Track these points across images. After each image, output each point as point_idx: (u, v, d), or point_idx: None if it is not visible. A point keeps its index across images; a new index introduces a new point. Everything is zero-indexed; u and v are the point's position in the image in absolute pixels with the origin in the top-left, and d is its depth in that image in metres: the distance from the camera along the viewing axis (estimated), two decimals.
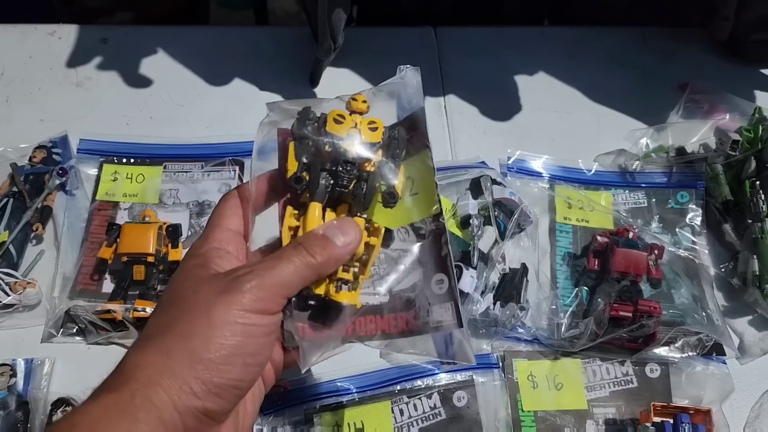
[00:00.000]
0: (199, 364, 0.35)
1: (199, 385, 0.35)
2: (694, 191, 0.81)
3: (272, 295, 0.38)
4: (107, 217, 0.76)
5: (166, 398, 0.34)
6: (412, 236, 0.45)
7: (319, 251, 0.41)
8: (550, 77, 0.93)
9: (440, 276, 0.43)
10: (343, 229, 0.42)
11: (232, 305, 0.37)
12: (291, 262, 0.40)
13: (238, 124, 0.85)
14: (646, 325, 0.67)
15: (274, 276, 0.39)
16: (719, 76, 0.91)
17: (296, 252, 0.40)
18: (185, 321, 0.37)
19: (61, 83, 0.89)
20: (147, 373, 0.35)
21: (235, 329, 0.36)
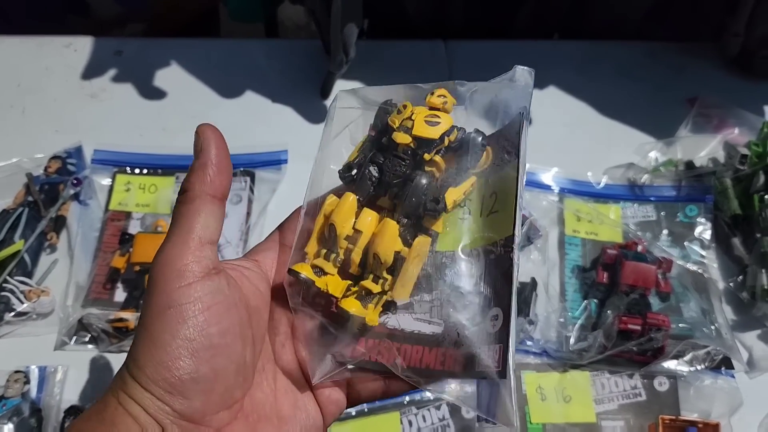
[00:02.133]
0: (146, 368, 0.32)
1: (156, 388, 0.32)
2: (703, 205, 0.81)
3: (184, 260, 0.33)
4: (120, 227, 0.77)
5: (136, 406, 0.32)
6: (482, 260, 0.38)
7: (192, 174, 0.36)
8: (560, 91, 0.93)
9: (496, 311, 0.36)
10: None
11: (152, 296, 0.33)
12: (181, 206, 0.36)
13: (249, 135, 0.86)
14: (655, 338, 0.68)
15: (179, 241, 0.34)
16: (728, 90, 0.92)
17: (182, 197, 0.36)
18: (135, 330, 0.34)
19: (76, 95, 0.90)
20: (117, 383, 0.33)
21: (163, 319, 0.32)
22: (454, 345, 0.36)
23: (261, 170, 0.82)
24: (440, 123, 0.39)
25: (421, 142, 0.38)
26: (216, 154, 0.36)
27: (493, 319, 0.36)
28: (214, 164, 0.36)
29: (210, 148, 0.36)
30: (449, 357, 0.36)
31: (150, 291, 0.33)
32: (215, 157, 0.36)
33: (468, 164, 0.39)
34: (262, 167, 0.82)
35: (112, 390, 0.33)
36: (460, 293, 0.38)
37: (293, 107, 0.90)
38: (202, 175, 0.36)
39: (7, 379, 0.66)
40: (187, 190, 0.36)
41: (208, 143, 0.36)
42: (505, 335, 0.34)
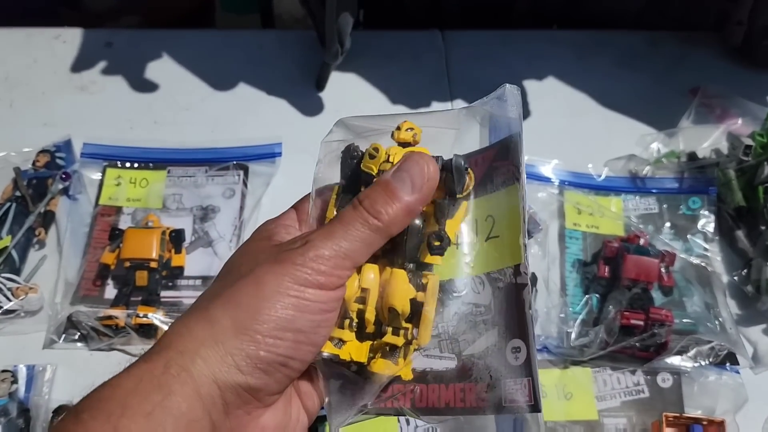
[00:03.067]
0: (244, 335, 0.31)
1: (243, 357, 0.31)
2: (706, 197, 0.79)
3: (330, 268, 0.33)
4: (110, 222, 0.75)
5: (206, 370, 0.31)
6: (488, 288, 0.37)
7: (383, 209, 0.34)
8: (559, 81, 0.92)
9: (517, 342, 0.35)
10: (408, 168, 0.35)
11: (284, 277, 0.32)
12: (351, 227, 0.34)
13: (243, 128, 0.84)
14: (658, 333, 0.66)
15: (331, 246, 0.33)
16: (731, 80, 0.90)
17: (356, 214, 0.34)
18: (234, 290, 0.33)
19: (66, 87, 0.88)
20: (185, 342, 0.32)
21: (286, 302, 0.32)
22: (473, 380, 0.35)
23: (255, 163, 0.80)
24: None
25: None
26: (420, 199, 0.36)
27: (515, 351, 0.35)
28: (412, 208, 0.35)
29: (419, 190, 0.35)
30: (470, 392, 0.35)
31: (281, 270, 0.33)
32: (416, 202, 0.35)
33: (456, 190, 0.38)
34: (256, 160, 0.80)
35: (174, 348, 0.32)
36: (471, 323, 0.37)
37: (288, 99, 0.88)
38: (402, 215, 0.35)
39: None
40: (377, 216, 0.34)
41: (421, 184, 0.35)
42: (529, 367, 0.34)
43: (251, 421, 0.33)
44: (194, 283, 0.72)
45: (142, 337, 0.67)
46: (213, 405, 0.31)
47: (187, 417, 0.30)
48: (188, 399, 0.30)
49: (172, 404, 0.30)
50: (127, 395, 0.30)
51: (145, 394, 0.30)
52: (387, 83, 0.89)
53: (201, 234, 0.76)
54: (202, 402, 0.31)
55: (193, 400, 0.30)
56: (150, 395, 0.30)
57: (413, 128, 0.38)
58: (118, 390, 0.30)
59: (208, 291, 0.35)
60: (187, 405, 0.30)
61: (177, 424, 0.30)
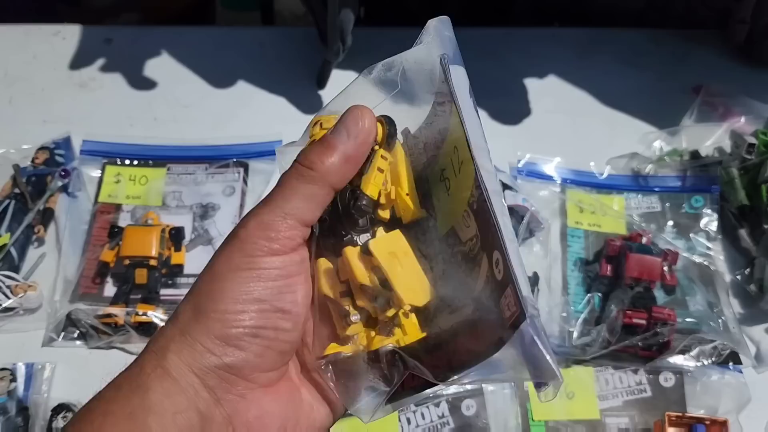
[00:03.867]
0: (204, 317, 0.32)
1: (210, 339, 0.31)
2: (708, 195, 0.79)
3: (276, 232, 0.32)
4: (109, 220, 0.75)
5: (178, 361, 0.31)
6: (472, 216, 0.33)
7: (316, 157, 0.33)
8: (560, 79, 0.91)
9: (497, 255, 0.31)
10: (346, 121, 0.34)
11: (233, 254, 0.32)
12: (288, 186, 0.33)
13: (243, 125, 0.84)
14: (661, 332, 0.66)
15: (271, 211, 0.33)
16: (734, 78, 0.90)
17: (291, 171, 0.34)
18: (194, 284, 0.34)
19: (65, 84, 0.88)
20: (157, 342, 0.32)
21: (240, 276, 0.32)
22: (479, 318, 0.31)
23: (255, 161, 0.80)
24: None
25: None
26: (356, 145, 0.34)
27: (497, 265, 0.31)
28: (349, 154, 0.34)
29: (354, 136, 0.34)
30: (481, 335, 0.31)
31: (230, 249, 0.33)
32: (353, 148, 0.34)
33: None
34: (256, 158, 0.80)
35: (148, 351, 0.32)
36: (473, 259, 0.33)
37: (288, 97, 0.87)
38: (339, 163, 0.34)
39: None
40: (311, 167, 0.33)
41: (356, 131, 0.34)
42: (510, 276, 0.30)
43: (250, 405, 0.33)
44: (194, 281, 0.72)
45: (141, 336, 0.67)
46: (196, 394, 0.31)
47: (170, 411, 0.30)
48: (168, 393, 0.31)
49: (151, 401, 0.30)
50: (109, 403, 0.31)
51: (125, 398, 0.30)
52: None
53: (201, 232, 0.75)
54: (184, 394, 0.31)
55: (174, 393, 0.31)
56: (130, 398, 0.30)
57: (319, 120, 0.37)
58: (101, 401, 0.31)
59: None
60: (168, 400, 0.30)
61: (162, 420, 0.30)
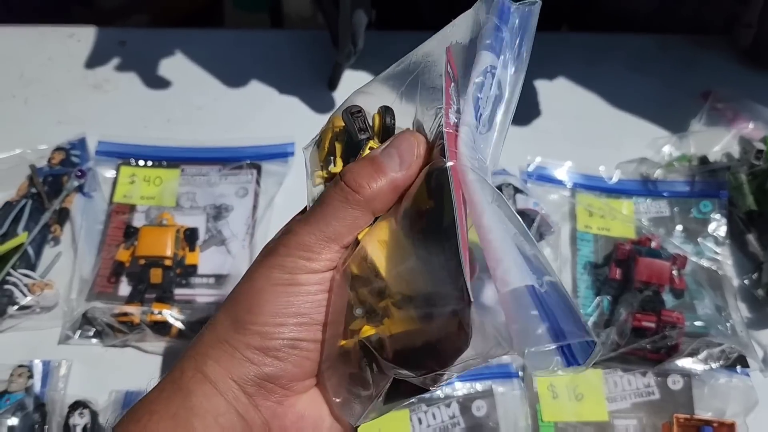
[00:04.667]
0: (244, 329, 0.32)
1: (250, 349, 0.32)
2: (717, 201, 0.79)
3: (316, 254, 0.33)
4: (124, 220, 0.76)
5: (218, 368, 0.32)
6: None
7: (365, 181, 0.33)
8: (570, 83, 0.92)
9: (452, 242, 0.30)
10: (397, 144, 0.34)
11: (272, 270, 0.33)
12: (331, 207, 0.33)
13: (256, 127, 0.84)
14: (669, 335, 0.66)
15: (311, 232, 0.33)
16: (742, 83, 0.90)
17: (336, 191, 0.33)
18: (232, 294, 0.34)
19: (80, 85, 0.89)
20: (196, 348, 0.33)
21: (278, 290, 0.33)
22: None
23: (267, 163, 0.81)
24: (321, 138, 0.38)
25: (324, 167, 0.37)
26: (407, 176, 0.33)
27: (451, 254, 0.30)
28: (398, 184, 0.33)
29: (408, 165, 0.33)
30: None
31: (269, 265, 0.33)
32: (403, 179, 0.33)
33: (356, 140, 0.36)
34: (269, 160, 0.81)
35: (188, 357, 0.33)
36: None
37: (300, 99, 0.88)
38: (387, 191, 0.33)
39: (10, 374, 0.65)
40: (357, 190, 0.33)
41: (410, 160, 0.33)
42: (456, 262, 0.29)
43: (287, 410, 0.33)
44: (207, 281, 0.73)
45: (156, 334, 0.67)
46: (235, 399, 0.32)
47: (212, 414, 0.31)
48: (208, 397, 0.31)
49: (194, 403, 0.31)
50: (152, 403, 0.32)
51: (168, 399, 0.32)
52: None
53: (214, 232, 0.76)
54: (223, 397, 0.32)
55: (213, 396, 0.32)
56: (172, 399, 0.31)
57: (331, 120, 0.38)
58: (145, 402, 0.32)
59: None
60: (208, 402, 0.31)
61: (204, 419, 0.31)
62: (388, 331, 0.33)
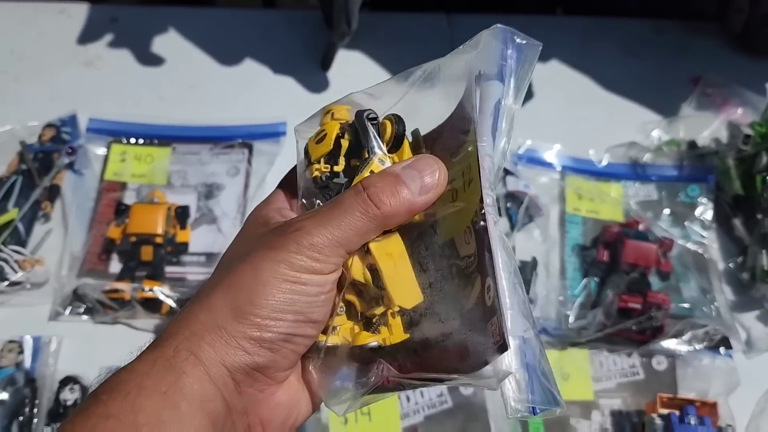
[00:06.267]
0: (244, 319, 0.33)
1: (247, 339, 0.33)
2: (704, 185, 0.80)
3: (324, 256, 0.34)
4: (115, 198, 0.76)
5: (212, 353, 0.32)
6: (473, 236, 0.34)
7: (387, 197, 0.34)
8: (562, 66, 0.92)
9: (488, 281, 0.32)
10: (421, 168, 0.35)
11: (280, 264, 0.33)
12: (348, 215, 0.34)
13: (248, 106, 0.84)
14: (655, 317, 0.67)
15: (324, 234, 0.33)
16: (732, 69, 0.91)
17: (357, 200, 0.34)
18: (232, 277, 0.34)
19: (71, 62, 0.88)
20: (191, 328, 0.33)
21: (284, 287, 0.33)
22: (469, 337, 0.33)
23: (259, 142, 0.81)
24: (326, 134, 0.38)
25: (328, 161, 0.38)
26: (425, 202, 0.35)
27: (488, 290, 0.32)
28: (415, 208, 0.35)
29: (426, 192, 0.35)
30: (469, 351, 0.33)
31: (277, 258, 0.33)
32: (421, 204, 0.35)
33: (366, 145, 0.37)
34: (261, 139, 0.81)
35: (181, 335, 0.33)
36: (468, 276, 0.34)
37: (293, 78, 0.88)
38: (404, 212, 0.34)
39: (1, 349, 0.65)
40: (378, 206, 0.34)
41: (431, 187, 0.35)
42: (498, 304, 0.31)
43: (266, 398, 0.34)
44: (198, 259, 0.73)
45: (147, 311, 0.68)
46: (224, 385, 0.33)
47: (200, 396, 0.31)
48: (199, 380, 0.32)
49: (184, 384, 0.31)
50: (142, 377, 0.31)
51: (159, 375, 0.31)
52: (393, 65, 0.90)
53: (205, 211, 0.76)
54: (213, 382, 0.32)
55: (204, 380, 0.32)
56: (164, 377, 0.31)
57: (330, 110, 0.39)
58: (133, 373, 0.32)
59: (210, 279, 0.36)
60: (198, 385, 0.32)
61: (191, 403, 0.31)
62: (388, 341, 0.35)
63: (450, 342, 0.33)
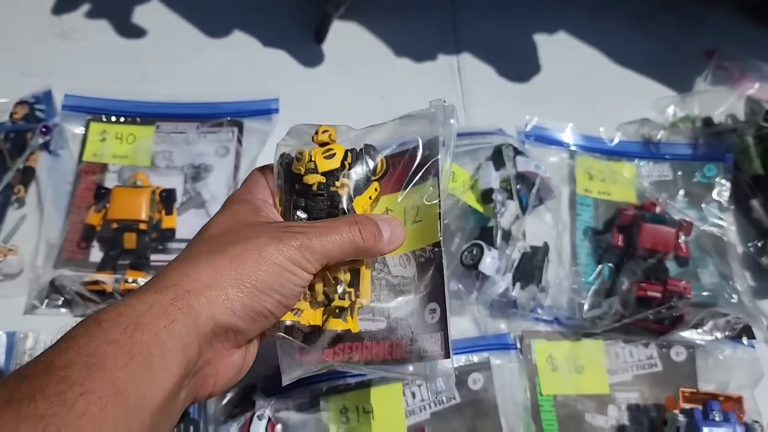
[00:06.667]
0: (244, 286, 0.39)
1: (240, 304, 0.39)
2: (722, 164, 0.76)
3: (314, 258, 0.42)
4: (95, 181, 0.70)
5: (207, 308, 0.38)
6: (413, 263, 0.46)
7: (370, 237, 0.44)
8: (571, 39, 0.87)
9: (434, 305, 0.44)
10: (393, 226, 0.45)
11: (282, 253, 0.41)
12: (341, 236, 0.43)
13: (237, 82, 0.79)
14: (676, 306, 0.63)
15: (322, 243, 0.42)
16: (749, 41, 0.86)
17: (349, 229, 0.43)
18: (238, 249, 0.40)
19: (45, 34, 0.82)
20: (192, 283, 0.38)
21: (279, 271, 0.41)
22: (399, 337, 0.44)
23: (250, 120, 0.75)
24: (335, 153, 0.46)
25: (329, 175, 0.46)
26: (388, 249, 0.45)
27: (432, 312, 0.43)
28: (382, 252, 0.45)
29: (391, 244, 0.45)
30: (396, 347, 0.44)
31: (280, 246, 0.41)
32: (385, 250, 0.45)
33: (368, 174, 0.47)
34: (251, 117, 0.75)
35: (182, 286, 0.38)
36: (400, 292, 0.45)
37: (286, 51, 0.83)
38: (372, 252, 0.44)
39: None
40: (363, 240, 0.43)
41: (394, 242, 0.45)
42: (444, 324, 0.42)
43: (225, 357, 0.41)
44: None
45: None
46: (204, 336, 0.38)
47: (184, 341, 0.37)
48: (187, 327, 0.37)
49: (175, 329, 0.37)
50: (140, 316, 0.36)
51: (155, 317, 0.36)
52: (391, 37, 0.84)
53: (193, 194, 0.71)
54: (197, 331, 0.38)
55: (191, 328, 0.38)
56: (159, 319, 0.37)
57: (328, 131, 0.47)
58: (132, 311, 0.36)
59: (206, 245, 0.42)
60: (185, 331, 0.37)
61: (176, 345, 0.37)
62: (354, 329, 0.45)
63: (394, 337, 0.44)
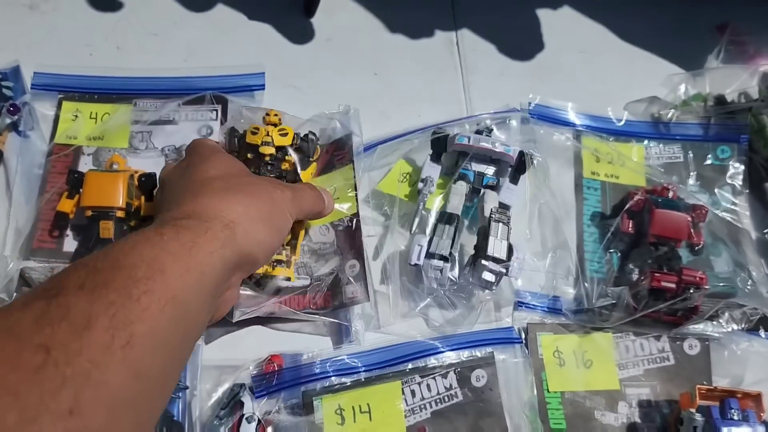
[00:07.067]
0: (269, 224, 0.49)
1: (267, 240, 0.48)
2: (736, 146, 0.72)
3: (296, 212, 0.53)
4: (68, 164, 0.65)
5: (244, 238, 0.45)
6: (332, 232, 0.61)
7: (326, 201, 0.58)
8: (576, 12, 0.82)
9: (353, 262, 0.58)
10: (329, 197, 0.58)
11: (287, 203, 0.51)
12: (312, 197, 0.56)
13: (220, 56, 0.74)
14: (691, 297, 0.60)
15: (304, 198, 0.54)
16: (763, 15, 0.82)
17: (314, 192, 0.56)
18: (254, 190, 0.49)
19: (11, 4, 0.76)
20: (232, 215, 0.46)
21: (285, 216, 0.51)
22: (322, 290, 0.58)
23: (234, 96, 0.70)
24: (288, 133, 0.61)
25: (280, 149, 0.61)
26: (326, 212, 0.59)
27: (352, 267, 0.58)
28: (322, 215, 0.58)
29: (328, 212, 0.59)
30: (320, 298, 0.58)
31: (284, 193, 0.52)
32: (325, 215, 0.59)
33: (309, 156, 0.63)
34: (235, 93, 0.70)
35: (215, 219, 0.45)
36: (321, 255, 0.60)
37: (272, 25, 0.77)
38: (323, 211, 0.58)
39: None
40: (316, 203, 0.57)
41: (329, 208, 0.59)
42: (363, 276, 0.58)
43: (233, 287, 0.50)
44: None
45: None
46: (236, 263, 0.45)
47: (227, 264, 0.44)
48: (233, 252, 0.44)
49: (225, 254, 0.44)
50: (197, 236, 0.43)
51: (209, 240, 0.43)
52: (385, 10, 0.79)
53: None
54: (234, 254, 0.45)
55: (234, 254, 0.45)
56: (212, 242, 0.43)
57: (278, 114, 0.62)
58: (189, 231, 0.43)
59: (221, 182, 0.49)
60: (230, 256, 0.44)
61: (223, 266, 0.44)
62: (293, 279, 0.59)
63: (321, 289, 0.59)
